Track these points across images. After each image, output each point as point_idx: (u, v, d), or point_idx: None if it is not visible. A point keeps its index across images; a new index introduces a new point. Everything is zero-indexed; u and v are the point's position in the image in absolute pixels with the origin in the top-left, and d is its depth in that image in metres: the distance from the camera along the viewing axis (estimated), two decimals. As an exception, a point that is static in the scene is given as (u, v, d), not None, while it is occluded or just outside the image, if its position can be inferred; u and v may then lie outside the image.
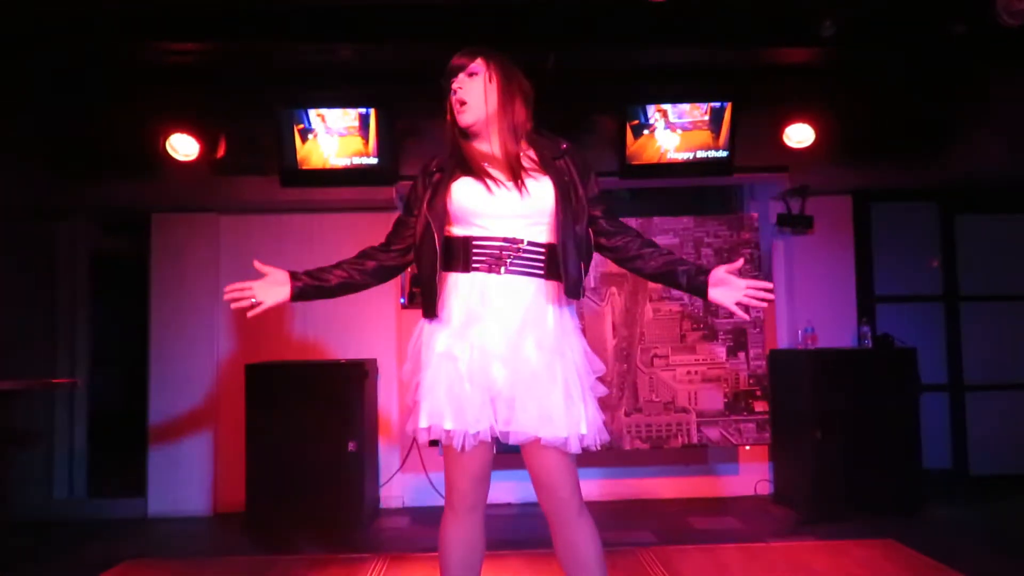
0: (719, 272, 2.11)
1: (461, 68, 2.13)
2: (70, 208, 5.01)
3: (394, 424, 4.93)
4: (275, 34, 4.06)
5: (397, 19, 3.98)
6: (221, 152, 4.65)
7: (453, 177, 2.10)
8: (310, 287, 2.20)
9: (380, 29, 4.04)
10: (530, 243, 2.07)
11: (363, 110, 4.54)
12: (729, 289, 2.11)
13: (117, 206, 5.00)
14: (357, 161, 4.61)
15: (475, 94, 2.11)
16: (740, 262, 2.15)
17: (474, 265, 2.07)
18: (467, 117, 2.11)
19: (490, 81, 2.12)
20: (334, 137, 4.58)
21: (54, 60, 4.15)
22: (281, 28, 4.04)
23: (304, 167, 4.60)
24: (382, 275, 2.25)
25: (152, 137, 4.50)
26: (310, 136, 4.57)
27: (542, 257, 2.08)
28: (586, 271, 2.14)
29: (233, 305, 2.17)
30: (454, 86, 2.12)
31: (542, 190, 2.07)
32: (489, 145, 2.14)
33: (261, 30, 4.02)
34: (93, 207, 5.04)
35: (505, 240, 2.06)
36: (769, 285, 2.14)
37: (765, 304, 2.14)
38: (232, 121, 4.66)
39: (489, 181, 2.06)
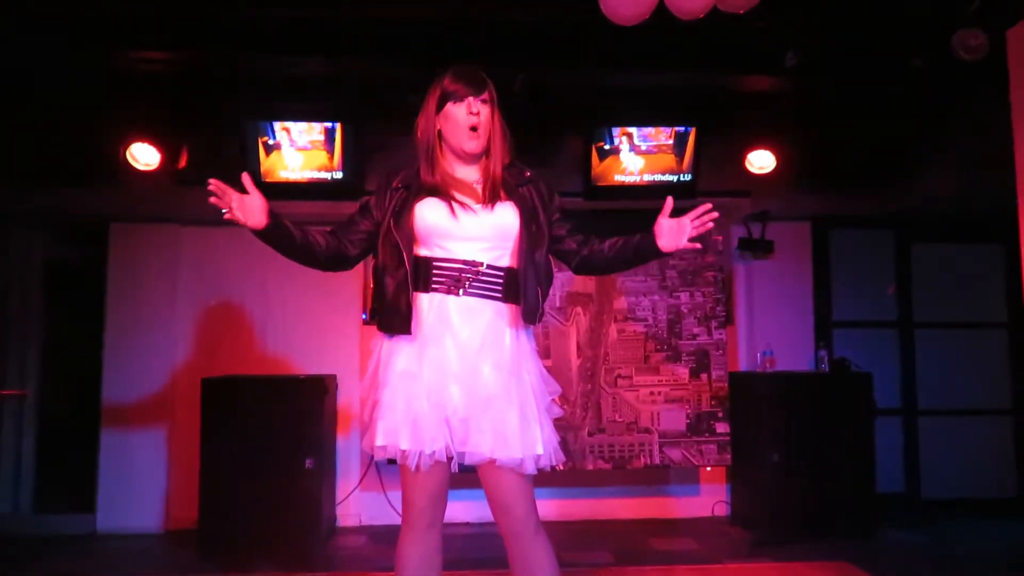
0: (661, 225, 2.17)
1: (477, 91, 2.11)
2: (25, 215, 4.90)
3: (353, 441, 4.87)
4: (243, 45, 4.03)
5: (367, 34, 3.98)
6: (183, 163, 4.59)
7: (418, 197, 2.10)
8: (282, 231, 2.11)
9: (350, 44, 4.03)
10: (489, 266, 2.09)
11: (329, 124, 4.52)
12: (675, 232, 2.16)
13: (74, 214, 4.90)
14: (321, 175, 4.58)
15: (486, 122, 2.12)
16: (669, 201, 2.20)
17: (433, 286, 2.08)
18: (478, 145, 2.12)
19: (493, 114, 2.14)
20: (298, 150, 4.54)
21: (14, 64, 4.06)
22: (249, 39, 4.00)
23: (268, 179, 4.55)
24: (335, 258, 2.20)
25: (112, 145, 4.42)
26: (274, 149, 4.53)
27: (500, 280, 2.09)
28: (544, 297, 2.16)
29: (210, 199, 2.05)
30: (472, 108, 2.10)
31: (506, 215, 2.10)
32: (468, 169, 2.15)
33: (229, 41, 3.99)
34: (49, 215, 4.93)
35: (465, 263, 2.08)
36: (707, 206, 2.17)
37: (712, 224, 2.17)
38: (195, 131, 4.60)
39: (454, 203, 2.08)
